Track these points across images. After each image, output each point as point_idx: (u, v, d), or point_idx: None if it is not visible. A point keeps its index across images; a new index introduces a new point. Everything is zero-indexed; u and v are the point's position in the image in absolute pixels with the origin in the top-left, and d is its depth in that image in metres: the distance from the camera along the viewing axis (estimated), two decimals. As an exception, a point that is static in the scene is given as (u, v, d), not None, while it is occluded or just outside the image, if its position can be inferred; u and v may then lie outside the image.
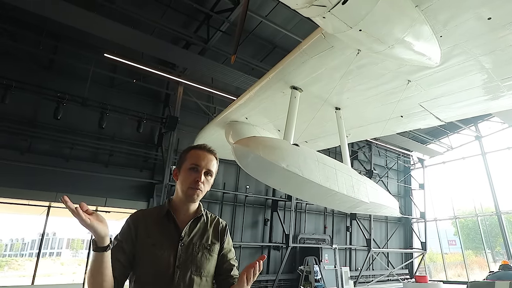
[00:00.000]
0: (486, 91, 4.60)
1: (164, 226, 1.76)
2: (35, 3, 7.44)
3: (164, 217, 1.78)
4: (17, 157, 9.11)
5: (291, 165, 4.40)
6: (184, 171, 1.82)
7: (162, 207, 1.84)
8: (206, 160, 1.83)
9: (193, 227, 1.80)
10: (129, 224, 1.75)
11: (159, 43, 9.28)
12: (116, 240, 1.71)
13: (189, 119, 12.10)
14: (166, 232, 1.74)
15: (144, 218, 1.78)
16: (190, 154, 1.85)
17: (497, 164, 18.12)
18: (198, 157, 1.82)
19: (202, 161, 1.81)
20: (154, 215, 1.80)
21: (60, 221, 11.87)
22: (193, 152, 1.85)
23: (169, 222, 1.77)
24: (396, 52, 3.53)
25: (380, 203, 5.61)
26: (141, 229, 1.73)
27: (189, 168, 1.80)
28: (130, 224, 1.75)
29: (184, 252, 1.71)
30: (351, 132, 6.56)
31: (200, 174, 1.79)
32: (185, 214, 1.82)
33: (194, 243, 1.76)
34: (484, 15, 3.21)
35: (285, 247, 13.75)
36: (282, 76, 4.93)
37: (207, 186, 1.84)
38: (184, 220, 1.80)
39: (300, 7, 3.04)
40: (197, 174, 1.78)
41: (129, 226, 1.75)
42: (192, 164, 1.81)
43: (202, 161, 1.81)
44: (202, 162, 1.81)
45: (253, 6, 9.38)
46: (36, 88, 9.38)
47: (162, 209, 1.82)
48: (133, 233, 1.72)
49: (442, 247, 19.98)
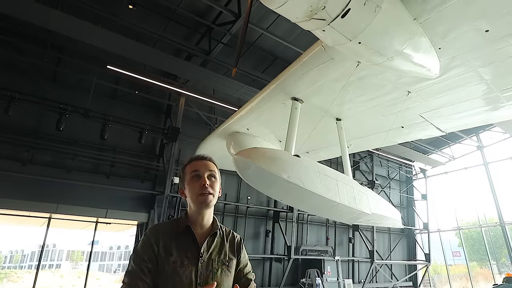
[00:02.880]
0: (486, 102, 4.62)
1: (183, 241, 1.72)
2: (39, 16, 7.56)
3: (183, 232, 1.75)
4: (19, 168, 9.13)
5: (292, 176, 4.40)
6: (188, 183, 1.82)
7: (180, 221, 1.81)
8: (205, 165, 1.85)
9: (210, 243, 1.77)
10: (149, 240, 1.69)
11: (161, 55, 9.38)
12: (138, 258, 1.64)
13: (191, 130, 12.14)
14: (185, 248, 1.70)
15: (164, 233, 1.73)
16: (188, 167, 1.87)
17: (500, 174, 18.01)
18: (196, 165, 1.85)
19: (201, 167, 1.84)
20: (172, 229, 1.76)
21: (61, 233, 11.82)
22: (190, 164, 1.88)
23: (188, 237, 1.73)
24: (395, 64, 3.57)
25: (382, 214, 5.57)
26: (162, 245, 1.67)
27: (191, 177, 1.81)
28: (151, 240, 1.68)
29: (205, 269, 1.68)
30: (352, 143, 6.57)
31: (204, 178, 1.79)
32: (201, 229, 1.79)
33: (213, 259, 1.73)
34: (481, 28, 3.25)
35: (287, 259, 13.60)
36: (283, 87, 4.98)
37: (216, 188, 1.83)
38: (201, 235, 1.78)
39: (300, 20, 3.09)
40: (201, 180, 1.79)
41: (150, 242, 1.68)
42: (192, 172, 1.82)
43: (201, 167, 1.84)
44: (202, 167, 1.83)
45: (254, 19, 9.51)
46: (39, 100, 9.46)
47: (180, 223, 1.79)
48: (155, 249, 1.66)
49: (446, 258, 19.70)
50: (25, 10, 7.32)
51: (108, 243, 28.83)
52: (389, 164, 19.92)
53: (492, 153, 18.48)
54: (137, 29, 9.29)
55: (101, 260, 30.16)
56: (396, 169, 20.37)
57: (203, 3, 9.14)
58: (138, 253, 1.66)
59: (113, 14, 8.72)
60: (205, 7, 9.49)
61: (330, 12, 2.91)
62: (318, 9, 2.89)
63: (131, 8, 9.06)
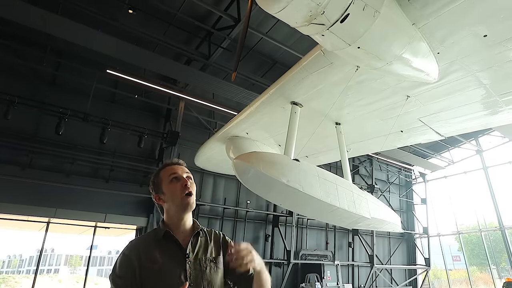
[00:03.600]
0: (485, 106, 4.62)
1: (166, 248, 1.71)
2: (39, 21, 7.58)
3: (163, 239, 1.74)
4: (18, 172, 9.11)
5: (291, 181, 4.39)
6: (167, 187, 1.82)
7: (158, 230, 1.79)
8: (181, 168, 1.88)
9: (195, 243, 1.79)
10: (127, 256, 1.65)
11: (161, 59, 9.41)
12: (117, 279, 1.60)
13: (190, 134, 12.14)
14: (170, 253, 1.69)
15: (143, 245, 1.71)
16: (163, 172, 1.88)
17: (499, 178, 18.01)
18: (172, 169, 1.86)
19: (178, 169, 1.86)
20: (152, 239, 1.75)
21: (59, 237, 11.77)
22: (165, 169, 1.89)
23: (170, 242, 1.73)
24: (394, 68, 3.58)
25: (381, 219, 5.55)
26: (143, 257, 1.64)
27: (170, 180, 1.82)
28: (128, 256, 1.65)
29: (193, 268, 1.68)
30: (352, 147, 6.56)
31: (184, 179, 1.82)
32: (183, 232, 1.80)
33: (200, 258, 1.74)
34: (480, 33, 3.26)
35: (287, 263, 13.54)
36: (282, 91, 4.98)
37: (194, 188, 1.86)
38: (183, 237, 1.78)
39: (299, 25, 3.10)
40: (182, 180, 1.81)
41: (128, 258, 1.64)
42: (171, 175, 1.83)
43: (178, 169, 1.86)
44: (178, 170, 1.86)
45: (254, 23, 9.55)
46: (38, 104, 9.47)
47: (158, 232, 1.77)
48: (135, 264, 1.62)
49: (446, 263, 19.64)
50: (24, 14, 7.34)
51: (107, 247, 28.66)
52: (388, 168, 19.92)
53: (491, 157, 18.50)
54: (137, 34, 9.32)
55: (99, 265, 30.01)
56: (395, 173, 20.37)
57: (203, 8, 9.19)
58: (116, 273, 1.62)
59: (113, 18, 8.76)
60: (205, 12, 9.54)
61: (329, 17, 2.92)
62: (317, 14, 2.90)
63: (131, 12, 9.09)
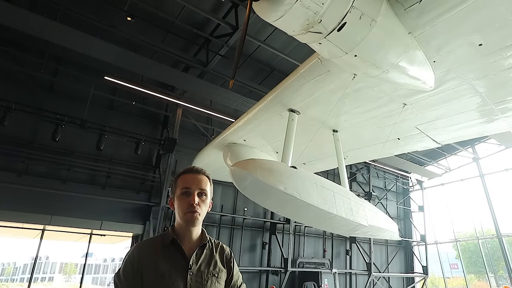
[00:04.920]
0: (481, 114, 4.66)
1: (170, 255, 1.70)
2: (37, 27, 7.60)
3: (170, 246, 1.73)
4: (14, 179, 9.03)
5: (289, 188, 4.38)
6: (178, 197, 1.79)
7: (166, 235, 1.79)
8: (197, 181, 1.81)
9: (200, 254, 1.77)
10: (133, 258, 1.67)
11: (159, 66, 9.43)
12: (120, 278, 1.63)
13: (188, 141, 12.12)
14: (173, 262, 1.68)
15: (149, 249, 1.72)
16: (180, 179, 1.84)
17: (496, 186, 18.06)
18: (187, 180, 1.81)
19: (192, 183, 1.79)
20: (159, 244, 1.74)
21: (54, 245, 11.65)
22: (183, 177, 1.84)
23: (175, 250, 1.72)
24: (391, 76, 3.61)
25: (379, 226, 5.54)
26: (147, 263, 1.65)
27: (181, 193, 1.78)
28: (134, 257, 1.67)
29: (194, 281, 1.67)
30: (349, 154, 6.57)
31: (193, 197, 1.76)
32: (190, 241, 1.78)
33: (202, 271, 1.72)
34: (475, 42, 3.30)
35: (284, 271, 13.43)
36: (280, 99, 5.00)
37: (204, 208, 1.80)
38: (189, 247, 1.76)
39: (297, 33, 3.13)
40: (190, 198, 1.76)
41: (133, 260, 1.66)
42: (183, 188, 1.78)
43: (192, 183, 1.79)
44: (193, 184, 1.79)
45: (252, 31, 9.63)
46: (35, 110, 9.44)
47: (166, 237, 1.77)
48: (140, 266, 1.63)
49: (444, 271, 19.56)
50: (22, 20, 7.35)
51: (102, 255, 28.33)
52: (385, 175, 19.93)
53: (488, 165, 18.57)
54: (135, 41, 9.36)
55: (95, 273, 29.66)
56: (392, 181, 20.38)
57: (201, 16, 9.25)
58: (120, 274, 1.64)
59: (111, 25, 8.80)
60: (203, 20, 9.60)
61: (327, 26, 2.96)
62: (314, 23, 2.93)
63: (130, 20, 9.13)
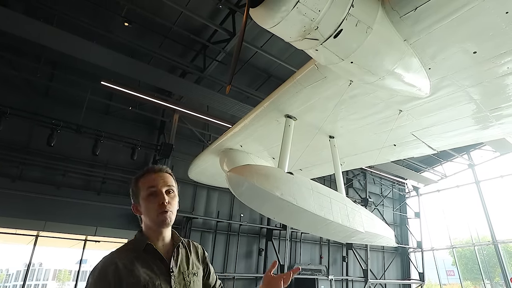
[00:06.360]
0: (476, 121, 4.69)
1: (147, 261, 1.61)
2: (34, 32, 7.58)
3: (145, 252, 1.64)
4: (8, 184, 8.94)
5: (285, 194, 4.37)
6: (144, 199, 1.68)
7: (138, 242, 1.68)
8: (162, 179, 1.71)
9: (176, 256, 1.72)
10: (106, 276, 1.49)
11: (156, 72, 9.44)
12: None
13: (184, 147, 12.09)
14: (153, 268, 1.60)
15: (124, 260, 1.56)
16: (142, 180, 1.72)
17: (491, 193, 18.15)
18: (152, 179, 1.70)
19: (158, 182, 1.69)
20: (132, 252, 1.63)
21: (48, 251, 11.49)
22: (144, 178, 1.73)
23: (152, 256, 1.64)
24: (387, 83, 3.63)
25: (375, 233, 5.53)
26: (125, 275, 1.50)
27: (147, 194, 1.67)
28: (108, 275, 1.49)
29: (178, 283, 1.63)
30: (345, 160, 6.58)
31: (163, 195, 1.67)
32: (163, 244, 1.72)
33: (183, 272, 1.68)
34: (469, 49, 3.33)
35: (280, 278, 13.33)
36: (276, 105, 5.01)
37: (175, 205, 1.72)
38: (165, 250, 1.71)
39: (293, 40, 3.15)
40: (159, 197, 1.66)
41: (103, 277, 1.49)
42: (149, 188, 1.67)
43: (158, 182, 1.69)
44: (159, 183, 1.69)
45: (249, 37, 9.68)
46: (30, 115, 9.37)
47: (138, 244, 1.66)
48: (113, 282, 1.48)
49: (440, 278, 19.54)
50: (19, 25, 7.34)
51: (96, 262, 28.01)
52: (382, 181, 19.98)
53: (483, 171, 18.68)
54: (132, 46, 9.37)
55: (89, 280, 29.24)
56: (389, 187, 20.43)
57: (198, 22, 9.29)
58: None
59: (109, 31, 8.81)
60: (200, 26, 9.64)
61: (323, 32, 2.98)
62: (311, 29, 2.95)
63: (127, 25, 9.15)
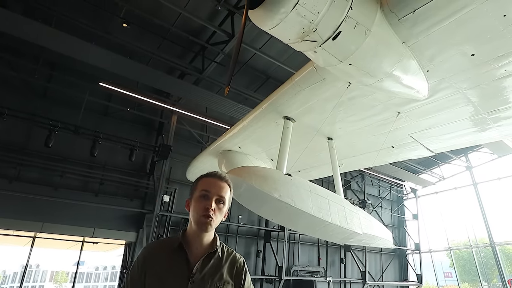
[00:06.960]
0: (474, 123, 4.71)
1: (175, 261, 1.65)
2: (32, 33, 7.57)
3: (176, 251, 1.68)
4: (5, 185, 8.90)
5: (283, 195, 4.37)
6: (195, 199, 1.74)
7: (175, 239, 1.74)
8: (217, 187, 1.75)
9: (206, 263, 1.68)
10: (138, 262, 1.68)
11: (154, 73, 9.43)
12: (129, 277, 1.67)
13: (182, 148, 12.07)
14: (176, 269, 1.63)
15: (155, 252, 1.71)
16: (201, 182, 1.79)
17: (489, 195, 18.20)
18: (208, 184, 1.75)
19: (212, 188, 1.74)
20: (166, 247, 1.71)
21: (45, 253, 11.46)
22: (204, 179, 1.79)
23: (181, 256, 1.66)
24: (385, 85, 3.64)
25: (373, 234, 5.53)
26: (150, 266, 1.64)
27: (199, 195, 1.73)
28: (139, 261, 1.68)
29: None
30: (344, 162, 6.59)
31: (211, 201, 1.70)
32: (198, 248, 1.71)
33: (206, 281, 1.63)
34: (467, 52, 3.35)
35: (278, 280, 13.32)
36: (275, 106, 5.02)
37: (219, 216, 1.75)
38: (197, 254, 1.70)
39: (292, 41, 3.16)
40: (207, 202, 1.70)
41: (138, 265, 1.68)
42: (202, 190, 1.73)
43: (212, 188, 1.74)
44: (213, 189, 1.73)
45: (248, 39, 9.68)
46: (28, 116, 9.35)
47: (174, 241, 1.72)
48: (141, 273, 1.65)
49: (438, 279, 19.55)
50: (18, 26, 7.32)
51: (94, 263, 27.90)
52: (380, 183, 20.00)
53: (480, 173, 18.73)
54: (131, 47, 9.36)
55: (86, 281, 29.13)
56: (387, 189, 20.45)
57: (197, 23, 9.30)
58: (128, 276, 1.68)
59: (107, 32, 8.80)
60: (199, 27, 9.65)
61: (322, 34, 2.99)
62: (310, 31, 2.96)
63: (126, 26, 9.15)
